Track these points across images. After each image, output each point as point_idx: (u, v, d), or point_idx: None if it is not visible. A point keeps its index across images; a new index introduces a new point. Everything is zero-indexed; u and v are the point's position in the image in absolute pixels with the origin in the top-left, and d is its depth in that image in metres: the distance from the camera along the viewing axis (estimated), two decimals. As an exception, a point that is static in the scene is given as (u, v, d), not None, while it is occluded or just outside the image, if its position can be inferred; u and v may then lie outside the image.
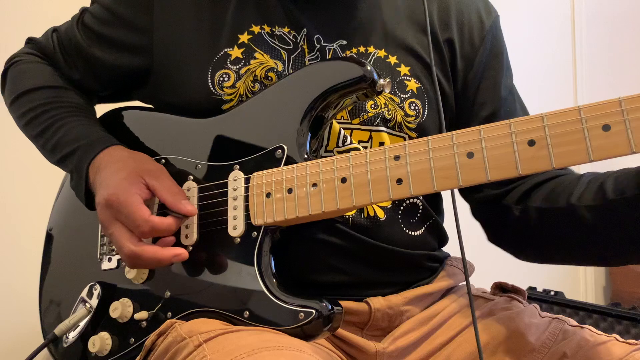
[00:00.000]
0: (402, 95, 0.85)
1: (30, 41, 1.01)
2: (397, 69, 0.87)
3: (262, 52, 0.83)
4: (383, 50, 0.87)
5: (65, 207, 0.98)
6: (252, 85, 0.82)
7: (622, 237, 0.75)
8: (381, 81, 0.74)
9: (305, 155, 0.76)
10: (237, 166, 0.78)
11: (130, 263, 0.75)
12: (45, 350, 0.86)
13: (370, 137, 0.83)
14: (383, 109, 0.84)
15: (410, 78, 0.87)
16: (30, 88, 0.92)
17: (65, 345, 0.86)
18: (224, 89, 0.82)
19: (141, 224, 0.73)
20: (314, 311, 0.68)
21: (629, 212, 0.72)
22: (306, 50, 0.84)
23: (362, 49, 0.86)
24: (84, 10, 0.96)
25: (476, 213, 0.96)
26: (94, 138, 0.85)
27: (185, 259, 0.75)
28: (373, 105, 0.84)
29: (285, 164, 0.75)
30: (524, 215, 0.86)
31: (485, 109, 0.92)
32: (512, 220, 0.88)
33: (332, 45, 0.85)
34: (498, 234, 0.94)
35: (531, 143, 0.59)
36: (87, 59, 0.93)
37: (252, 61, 0.83)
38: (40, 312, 0.94)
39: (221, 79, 0.82)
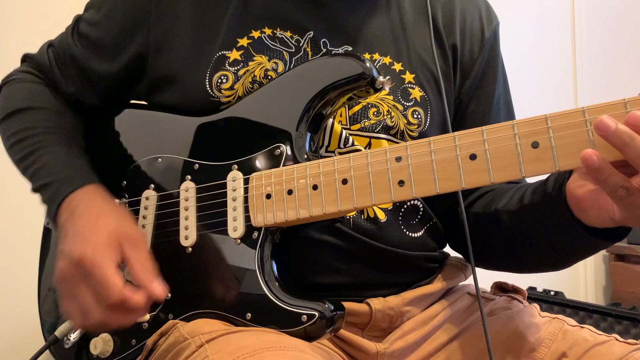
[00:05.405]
0: (405, 103, 0.85)
1: (26, 58, 0.98)
2: (402, 76, 0.86)
3: (262, 55, 0.82)
4: (389, 57, 0.86)
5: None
6: (251, 86, 0.81)
7: (535, 242, 0.79)
8: (381, 78, 0.74)
9: (305, 155, 0.75)
10: (236, 166, 0.78)
11: (94, 329, 0.75)
12: (47, 352, 0.86)
13: (369, 144, 0.83)
14: (386, 117, 0.83)
15: (414, 86, 0.86)
16: (18, 108, 0.89)
17: (66, 347, 0.85)
18: (222, 91, 0.81)
19: (113, 294, 0.68)
20: (316, 313, 0.68)
21: (538, 216, 0.76)
22: (310, 53, 0.84)
23: (367, 56, 0.85)
24: (78, 19, 0.94)
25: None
26: (70, 174, 0.82)
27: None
28: (375, 113, 0.83)
29: (284, 163, 0.74)
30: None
31: (474, 120, 0.92)
32: (457, 226, 0.89)
33: (338, 51, 0.85)
34: (450, 241, 0.95)
35: (535, 145, 0.58)
36: (83, 68, 0.91)
37: (250, 63, 0.82)
38: (40, 310, 0.93)
39: (219, 80, 0.82)
